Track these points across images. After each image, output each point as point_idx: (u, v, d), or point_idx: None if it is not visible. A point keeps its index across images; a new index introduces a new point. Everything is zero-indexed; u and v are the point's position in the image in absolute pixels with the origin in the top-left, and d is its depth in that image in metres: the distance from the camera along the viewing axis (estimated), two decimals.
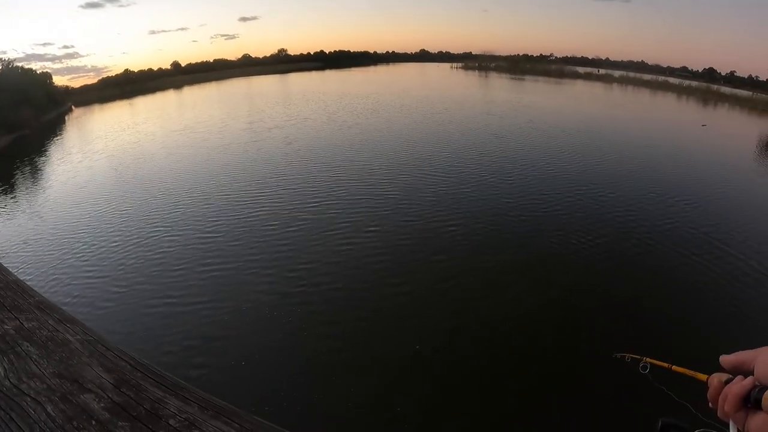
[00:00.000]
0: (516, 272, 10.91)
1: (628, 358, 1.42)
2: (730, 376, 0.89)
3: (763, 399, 0.76)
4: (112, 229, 14.90)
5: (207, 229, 14.16)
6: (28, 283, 1.96)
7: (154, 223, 15.10)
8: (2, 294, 1.67)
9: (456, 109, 38.80)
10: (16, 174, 26.60)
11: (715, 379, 0.92)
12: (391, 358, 7.93)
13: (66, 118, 62.53)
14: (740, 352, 0.90)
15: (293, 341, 8.51)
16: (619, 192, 16.72)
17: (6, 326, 1.41)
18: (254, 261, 11.65)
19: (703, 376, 1.00)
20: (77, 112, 70.27)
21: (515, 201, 15.72)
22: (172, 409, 1.04)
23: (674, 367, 1.20)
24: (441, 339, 8.43)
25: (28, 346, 1.30)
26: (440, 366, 7.75)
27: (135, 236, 14.11)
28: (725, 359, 0.92)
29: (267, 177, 19.30)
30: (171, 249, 12.87)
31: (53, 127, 50.53)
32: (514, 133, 27.89)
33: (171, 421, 0.99)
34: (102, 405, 1.05)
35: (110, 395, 1.08)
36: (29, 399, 1.06)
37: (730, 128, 41.03)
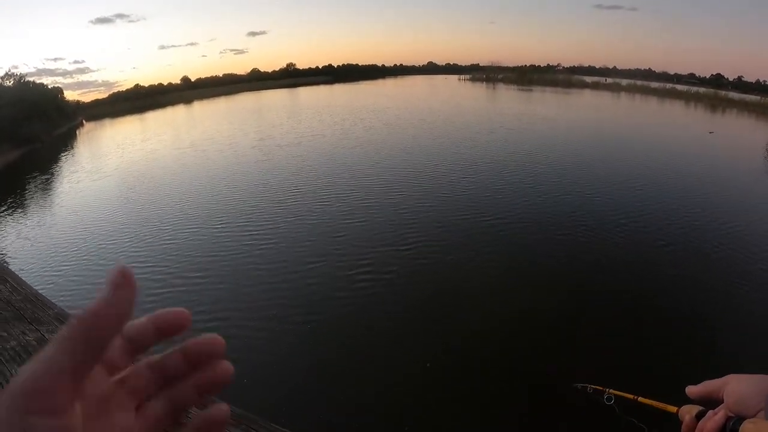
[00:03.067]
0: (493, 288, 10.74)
1: (590, 389, 1.34)
2: (701, 408, 0.91)
3: (743, 426, 0.78)
4: (125, 242, 15.08)
5: (219, 243, 14.28)
6: (46, 296, 2.01)
7: (166, 236, 15.22)
8: (22, 306, 1.73)
9: (463, 122, 38.85)
10: (29, 187, 26.45)
11: (686, 414, 0.92)
12: (397, 367, 7.97)
13: (77, 132, 62.98)
14: (707, 381, 0.92)
15: (303, 349, 8.68)
16: (610, 212, 16.11)
17: (28, 337, 1.46)
18: (265, 276, 11.75)
19: (672, 408, 0.99)
20: (88, 126, 70.79)
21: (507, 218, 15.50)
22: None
23: (641, 399, 1.15)
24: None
25: None
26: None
27: (147, 249, 14.28)
28: (692, 390, 0.94)
29: (275, 191, 19.38)
30: (183, 260, 13.07)
31: (65, 141, 50.87)
32: (523, 145, 27.81)
33: None
34: None
35: None
36: None
37: (738, 135, 40.57)
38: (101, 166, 30.34)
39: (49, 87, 76.63)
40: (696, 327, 9.04)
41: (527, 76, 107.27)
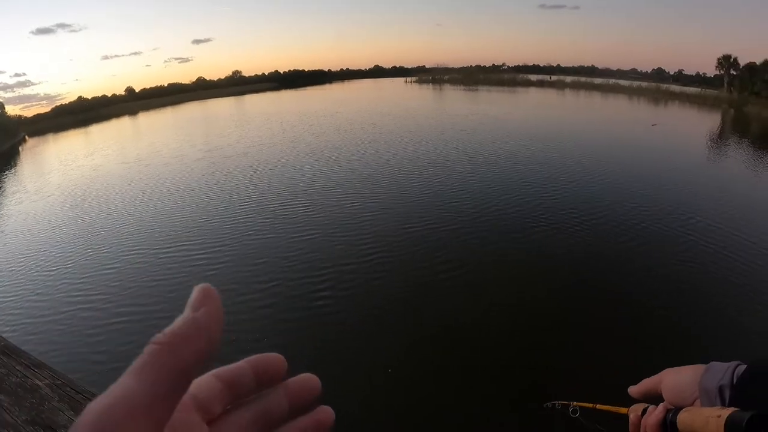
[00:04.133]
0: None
1: (558, 405, 1.38)
2: (646, 405, 0.97)
3: (677, 422, 0.83)
4: (77, 265, 14.62)
5: (175, 257, 14.26)
6: None
7: (116, 258, 14.73)
8: None
9: (414, 124, 39.64)
10: None
11: (632, 413, 0.98)
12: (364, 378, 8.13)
13: (20, 149, 61.43)
14: (645, 380, 0.98)
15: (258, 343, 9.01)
16: (556, 209, 16.55)
17: None
18: (228, 286, 11.70)
19: (623, 410, 1.04)
20: (31, 142, 69.07)
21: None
22: None
23: (598, 406, 1.22)
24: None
25: None
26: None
27: (102, 270, 13.87)
28: (633, 390, 1.01)
29: (225, 204, 19.57)
30: (140, 281, 12.83)
31: (6, 159, 49.60)
32: (473, 144, 28.89)
33: None
34: None
35: None
36: None
37: (680, 126, 42.56)
38: (44, 185, 29.69)
39: None
40: (641, 327, 9.36)
41: (473, 77, 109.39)
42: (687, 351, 8.24)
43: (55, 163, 41.11)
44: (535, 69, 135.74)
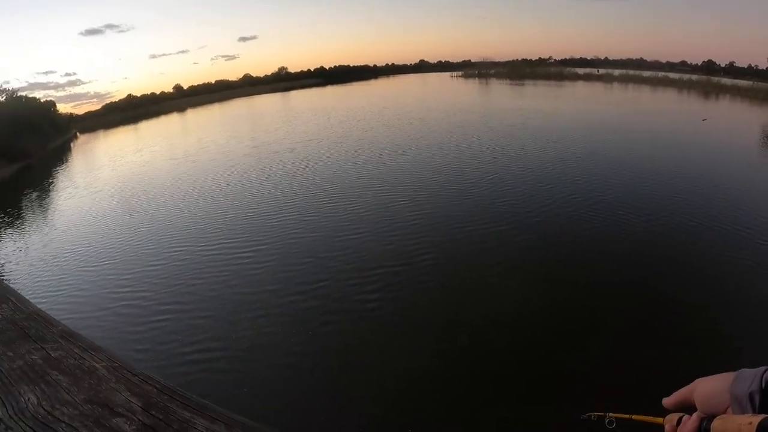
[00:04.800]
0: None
1: (593, 417, 1.35)
2: (681, 414, 0.95)
3: (713, 423, 0.83)
4: (126, 256, 15.01)
5: (222, 253, 14.18)
6: (49, 313, 1.99)
7: (168, 248, 15.11)
8: (26, 325, 1.72)
9: (462, 120, 38.56)
10: (24, 204, 26.78)
11: (667, 423, 0.98)
12: (403, 374, 8.01)
13: (72, 145, 62.76)
14: (678, 391, 0.96)
15: (313, 359, 8.66)
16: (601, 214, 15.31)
17: (33, 356, 1.47)
18: (272, 285, 11.66)
19: (659, 419, 1.03)
20: (82, 138, 70.56)
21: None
22: (199, 428, 1.08)
23: (634, 416, 1.20)
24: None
25: (57, 375, 1.35)
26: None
27: (150, 262, 14.16)
28: (667, 402, 0.99)
29: (271, 199, 19.22)
30: (187, 274, 12.94)
31: (59, 155, 50.60)
32: (520, 140, 27.55)
33: None
34: (133, 427, 1.09)
35: (140, 418, 1.13)
36: (64, 425, 1.11)
37: (732, 121, 40.48)
38: (95, 181, 30.14)
39: (42, 101, 76.68)
40: (682, 333, 8.73)
41: (519, 71, 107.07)
42: (727, 357, 7.57)
43: (105, 159, 41.51)
44: (582, 62, 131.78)
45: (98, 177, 31.47)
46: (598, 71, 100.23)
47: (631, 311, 9.49)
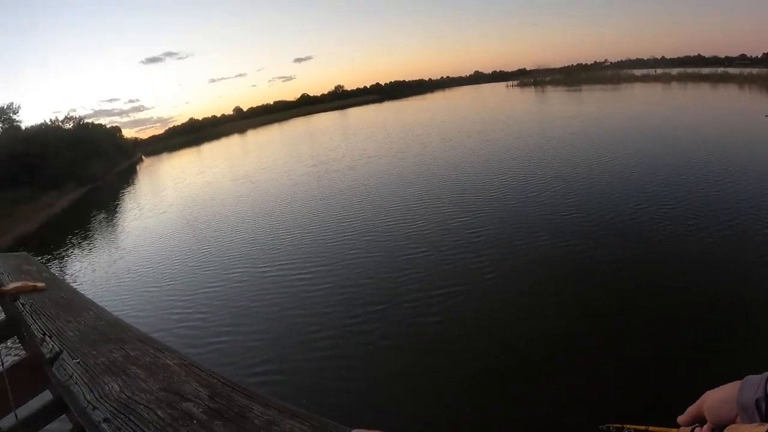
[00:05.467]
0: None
1: (612, 429, 1.27)
2: (695, 425, 0.94)
3: None
4: (191, 267, 16.09)
5: (282, 264, 14.61)
6: (124, 320, 2.09)
7: (228, 267, 15.47)
8: (108, 329, 1.91)
9: (519, 130, 37.36)
10: (94, 224, 28.15)
11: None
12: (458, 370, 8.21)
13: (137, 167, 64.77)
14: (689, 407, 0.95)
15: (364, 359, 8.97)
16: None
17: (114, 354, 1.64)
18: (329, 305, 11.55)
19: (675, 431, 1.01)
20: (147, 161, 72.82)
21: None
22: (256, 412, 1.22)
23: (651, 428, 1.10)
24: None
25: (136, 370, 1.51)
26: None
27: (212, 273, 15.06)
28: (681, 419, 0.98)
29: (338, 215, 19.00)
30: (246, 292, 13.24)
31: (125, 177, 52.20)
32: (585, 148, 26.18)
33: (256, 421, 1.19)
34: (200, 410, 1.25)
35: (206, 403, 1.28)
36: (142, 406, 1.29)
37: None
38: (159, 203, 30.79)
39: (108, 127, 79.71)
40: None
41: (575, 76, 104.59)
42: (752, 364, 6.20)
43: (168, 181, 42.30)
44: (639, 63, 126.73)
45: (162, 199, 32.33)
46: (655, 71, 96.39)
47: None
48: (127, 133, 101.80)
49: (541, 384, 7.64)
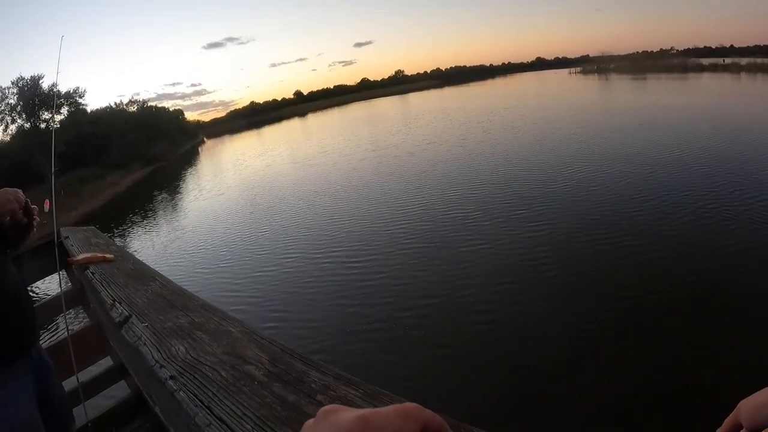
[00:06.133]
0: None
1: None
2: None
3: None
4: (247, 249, 16.04)
5: (336, 249, 14.35)
6: (188, 290, 2.12)
7: (286, 244, 15.75)
8: (173, 297, 1.98)
9: (583, 118, 35.89)
10: (157, 201, 29.51)
11: None
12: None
13: (199, 149, 65.94)
14: (726, 419, 0.85)
15: (413, 347, 8.64)
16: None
17: (180, 320, 1.72)
18: (383, 295, 11.12)
19: None
20: (209, 143, 74.03)
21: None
22: (313, 377, 1.27)
23: None
24: None
25: (201, 335, 1.58)
26: None
27: (272, 248, 15.52)
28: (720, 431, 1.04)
29: (397, 202, 18.47)
30: (300, 276, 13.01)
31: (188, 159, 53.14)
32: (648, 140, 24.72)
33: (312, 385, 1.24)
34: (261, 372, 1.32)
35: (267, 367, 1.35)
36: (207, 367, 1.36)
37: None
38: (218, 184, 31.01)
39: (171, 110, 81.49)
40: None
41: (640, 64, 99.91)
42: None
43: (229, 163, 42.67)
44: (707, 52, 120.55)
45: (221, 180, 32.68)
46: (723, 61, 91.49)
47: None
48: (190, 116, 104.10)
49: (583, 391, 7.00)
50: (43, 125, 42.96)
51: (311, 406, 1.16)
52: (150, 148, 50.46)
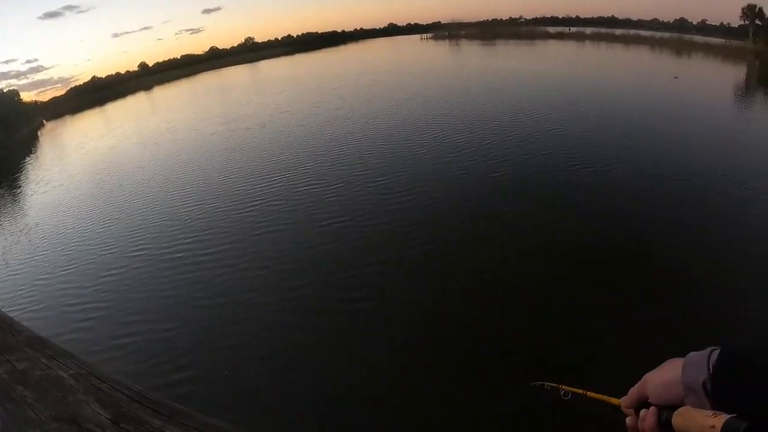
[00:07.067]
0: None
1: (547, 386, 1.32)
2: (642, 408, 0.94)
3: (673, 419, 0.84)
4: (95, 254, 14.22)
5: (192, 247, 13.30)
6: (14, 317, 1.92)
7: (139, 244, 14.22)
8: None
9: (440, 84, 37.88)
10: None
11: (628, 419, 0.97)
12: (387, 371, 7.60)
13: (39, 133, 61.64)
14: (630, 390, 0.96)
15: (289, 362, 8.14)
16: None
17: None
18: (243, 279, 11.08)
19: (615, 400, 1.03)
20: (49, 125, 69.28)
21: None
22: None
23: (589, 393, 1.17)
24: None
25: (22, 390, 1.31)
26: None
27: (118, 260, 13.42)
28: (624, 402, 0.98)
29: (244, 181, 18.39)
30: (154, 272, 12.26)
31: (26, 145, 49.69)
32: (499, 103, 26.98)
33: None
34: None
35: (110, 431, 1.11)
36: None
37: (703, 78, 40.79)
38: (57, 174, 28.66)
39: (4, 91, 74.96)
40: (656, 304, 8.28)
41: (490, 31, 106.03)
42: (691, 336, 6.97)
43: (69, 147, 40.95)
44: (554, 21, 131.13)
45: (61, 169, 30.22)
46: (569, 30, 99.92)
47: (591, 285, 9.17)
48: (26, 96, 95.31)
49: (475, 340, 7.84)
50: None
51: None
52: None
